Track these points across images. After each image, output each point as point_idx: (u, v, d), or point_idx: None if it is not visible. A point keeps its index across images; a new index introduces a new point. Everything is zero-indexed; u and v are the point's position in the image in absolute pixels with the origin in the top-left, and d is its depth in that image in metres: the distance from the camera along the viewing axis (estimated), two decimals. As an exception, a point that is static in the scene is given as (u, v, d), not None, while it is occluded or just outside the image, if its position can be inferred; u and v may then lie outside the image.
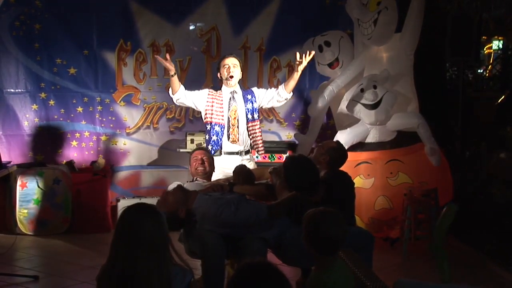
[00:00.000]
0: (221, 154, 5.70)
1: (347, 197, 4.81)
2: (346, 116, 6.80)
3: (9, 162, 6.69)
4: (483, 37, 8.02)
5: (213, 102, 5.74)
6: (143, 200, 6.70)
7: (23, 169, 6.67)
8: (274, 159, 6.50)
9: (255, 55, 7.45)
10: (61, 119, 7.22)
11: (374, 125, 6.46)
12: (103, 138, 7.31)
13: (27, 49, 7.06)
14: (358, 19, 6.66)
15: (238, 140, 5.74)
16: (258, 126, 5.84)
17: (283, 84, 5.89)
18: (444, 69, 8.14)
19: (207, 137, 5.75)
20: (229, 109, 5.74)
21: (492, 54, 11.75)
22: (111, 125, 7.32)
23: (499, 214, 6.60)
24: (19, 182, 6.61)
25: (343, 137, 6.50)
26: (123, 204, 6.87)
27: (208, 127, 5.73)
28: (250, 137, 5.80)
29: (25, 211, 6.63)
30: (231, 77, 5.72)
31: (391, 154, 6.47)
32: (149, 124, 7.38)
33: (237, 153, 5.74)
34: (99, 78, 7.25)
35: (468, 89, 7.76)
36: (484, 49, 11.51)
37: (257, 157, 6.53)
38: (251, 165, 5.61)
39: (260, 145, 5.84)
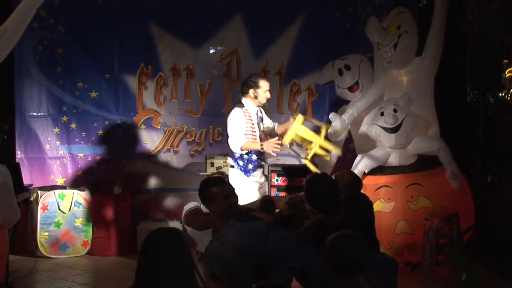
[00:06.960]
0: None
1: (368, 218, 4.78)
2: (366, 140, 6.78)
3: (31, 185, 6.75)
4: (505, 61, 7.97)
5: (247, 124, 5.96)
6: (163, 224, 6.72)
7: (45, 192, 6.71)
8: (293, 182, 6.47)
9: (275, 78, 7.45)
10: (82, 142, 7.26)
11: (395, 148, 6.43)
12: (123, 161, 7.34)
13: (49, 73, 7.14)
14: (378, 43, 6.66)
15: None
16: None
17: (277, 125, 6.29)
18: (465, 92, 8.10)
19: (241, 163, 5.91)
20: (259, 128, 6.05)
21: (514, 78, 11.69)
22: (132, 148, 7.36)
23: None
24: (40, 205, 6.66)
25: (363, 160, 6.48)
26: (143, 227, 6.88)
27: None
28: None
29: (46, 233, 6.66)
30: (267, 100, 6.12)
31: (411, 178, 6.43)
32: (169, 147, 7.40)
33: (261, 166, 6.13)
34: (120, 101, 7.30)
35: (489, 112, 7.70)
36: (506, 73, 11.46)
37: (276, 180, 6.53)
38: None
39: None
